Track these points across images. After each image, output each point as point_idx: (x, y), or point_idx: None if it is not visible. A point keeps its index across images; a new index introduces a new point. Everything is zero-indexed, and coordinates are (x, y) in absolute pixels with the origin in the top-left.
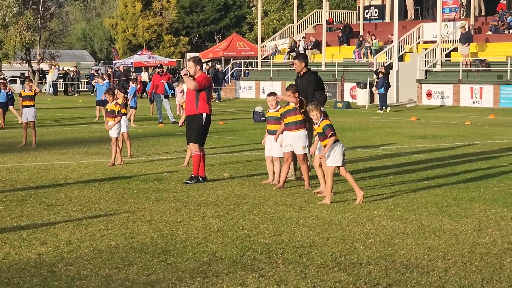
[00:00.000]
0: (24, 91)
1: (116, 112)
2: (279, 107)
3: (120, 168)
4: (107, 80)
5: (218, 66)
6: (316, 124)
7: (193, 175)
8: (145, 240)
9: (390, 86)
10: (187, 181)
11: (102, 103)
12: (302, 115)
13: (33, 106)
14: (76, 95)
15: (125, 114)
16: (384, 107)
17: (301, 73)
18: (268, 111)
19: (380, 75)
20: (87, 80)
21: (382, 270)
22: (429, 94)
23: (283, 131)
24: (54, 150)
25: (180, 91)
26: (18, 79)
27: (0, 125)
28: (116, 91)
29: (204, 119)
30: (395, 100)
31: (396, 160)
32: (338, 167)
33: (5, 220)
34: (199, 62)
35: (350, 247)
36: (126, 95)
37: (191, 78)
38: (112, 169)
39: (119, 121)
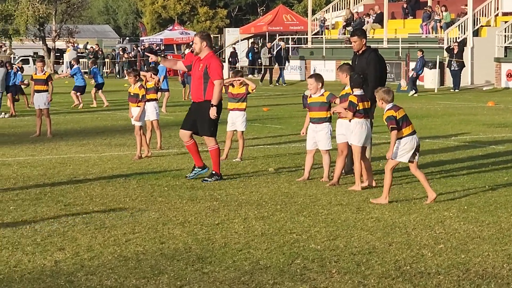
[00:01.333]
0: (35, 74)
1: (140, 97)
2: (323, 90)
3: (148, 161)
4: (76, 66)
5: (281, 43)
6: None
7: (213, 172)
8: (177, 246)
9: (464, 66)
10: (206, 178)
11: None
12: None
13: (46, 91)
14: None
15: (156, 100)
16: (414, 90)
17: (360, 51)
18: (310, 96)
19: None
20: (109, 60)
21: (454, 280)
22: (509, 75)
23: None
24: (72, 141)
25: None
26: (30, 59)
27: (11, 112)
28: (149, 74)
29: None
30: (469, 82)
31: (470, 152)
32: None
33: (17, 222)
34: (206, 38)
35: (417, 254)
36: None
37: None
38: (139, 163)
39: (143, 107)
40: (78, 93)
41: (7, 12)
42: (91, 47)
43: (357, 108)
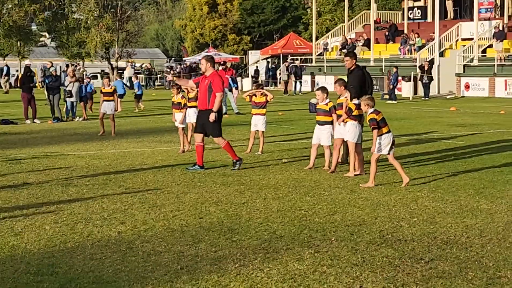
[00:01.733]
0: (104, 88)
1: (182, 105)
2: (328, 100)
3: (190, 154)
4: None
5: (297, 62)
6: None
7: (234, 161)
8: (212, 220)
9: (433, 79)
10: (234, 167)
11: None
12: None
13: (112, 100)
14: (151, 88)
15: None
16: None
17: (351, 68)
18: (318, 103)
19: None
20: (160, 76)
21: (425, 246)
22: (467, 86)
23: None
24: (131, 139)
25: None
26: (98, 75)
27: (83, 117)
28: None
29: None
30: (437, 92)
31: (437, 146)
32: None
33: (88, 202)
34: (210, 60)
35: (396, 226)
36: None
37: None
38: (183, 156)
39: (185, 112)
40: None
41: (81, 39)
42: (145, 65)
43: (353, 114)
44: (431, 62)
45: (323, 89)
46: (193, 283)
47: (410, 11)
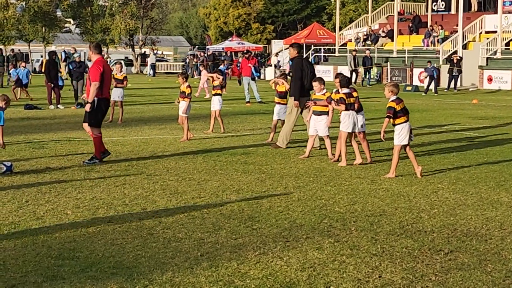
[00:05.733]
0: (116, 74)
1: (186, 94)
2: (325, 91)
3: (211, 142)
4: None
5: (367, 52)
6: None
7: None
8: (233, 208)
9: (461, 72)
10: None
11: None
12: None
13: (122, 87)
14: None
15: (220, 94)
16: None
17: (292, 58)
18: (315, 93)
19: (455, 61)
20: (183, 63)
21: (444, 237)
22: (489, 79)
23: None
24: (153, 126)
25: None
26: (122, 62)
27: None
28: (215, 74)
29: None
30: (459, 84)
31: (459, 138)
32: (405, 146)
33: (111, 187)
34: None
35: (416, 217)
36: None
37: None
38: (204, 143)
39: (188, 102)
40: None
41: (105, 26)
42: (166, 54)
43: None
44: (454, 53)
45: (320, 80)
46: (213, 270)
47: (434, 3)
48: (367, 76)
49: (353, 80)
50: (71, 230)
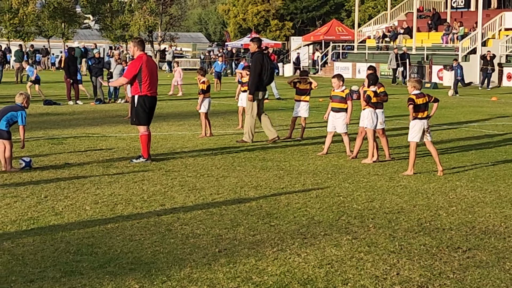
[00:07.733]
0: None
1: (200, 90)
2: (344, 87)
3: (230, 138)
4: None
5: (404, 49)
6: None
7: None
8: (251, 204)
9: (494, 70)
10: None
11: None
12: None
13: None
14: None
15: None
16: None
17: (253, 53)
18: (334, 90)
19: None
20: (199, 60)
21: (462, 235)
22: (509, 77)
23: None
24: (172, 122)
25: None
26: None
27: (126, 98)
28: (244, 71)
29: None
30: (478, 82)
31: (477, 136)
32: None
33: (129, 183)
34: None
35: (434, 214)
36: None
37: None
38: (223, 139)
39: (202, 98)
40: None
41: (124, 22)
42: (185, 50)
43: (372, 101)
44: (474, 50)
45: (339, 77)
46: (230, 266)
47: (454, 0)
48: (404, 73)
49: (397, 76)
50: (90, 226)
